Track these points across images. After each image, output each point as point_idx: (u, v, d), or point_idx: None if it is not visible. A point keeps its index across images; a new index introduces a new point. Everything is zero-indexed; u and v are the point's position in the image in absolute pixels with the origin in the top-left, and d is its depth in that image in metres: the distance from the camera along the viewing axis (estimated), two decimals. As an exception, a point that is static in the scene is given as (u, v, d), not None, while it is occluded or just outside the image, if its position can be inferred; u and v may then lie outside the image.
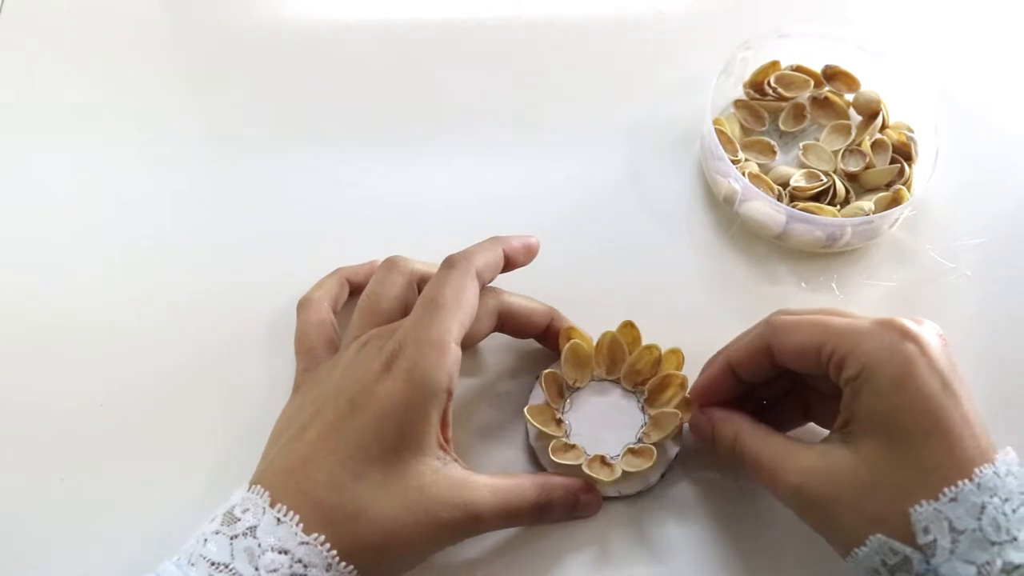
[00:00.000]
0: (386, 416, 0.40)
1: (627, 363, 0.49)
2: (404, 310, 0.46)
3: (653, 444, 0.46)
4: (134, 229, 0.55)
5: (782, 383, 0.46)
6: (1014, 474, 0.38)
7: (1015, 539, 0.36)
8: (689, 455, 0.48)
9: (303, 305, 0.49)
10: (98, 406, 0.49)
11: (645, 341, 0.49)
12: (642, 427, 0.48)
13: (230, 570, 0.37)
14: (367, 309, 0.46)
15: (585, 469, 0.45)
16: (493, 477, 0.43)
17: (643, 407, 0.49)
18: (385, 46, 0.61)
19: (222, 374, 0.50)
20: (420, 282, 0.47)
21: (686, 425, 0.47)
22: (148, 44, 0.62)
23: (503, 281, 0.47)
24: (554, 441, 0.46)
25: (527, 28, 0.62)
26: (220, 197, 0.56)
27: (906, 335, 0.40)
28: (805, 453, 0.41)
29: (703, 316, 0.52)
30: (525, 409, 0.47)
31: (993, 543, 0.36)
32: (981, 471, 0.37)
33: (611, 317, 0.49)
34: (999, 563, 0.36)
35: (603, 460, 0.46)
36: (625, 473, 0.46)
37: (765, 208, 0.52)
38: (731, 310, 0.53)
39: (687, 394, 0.47)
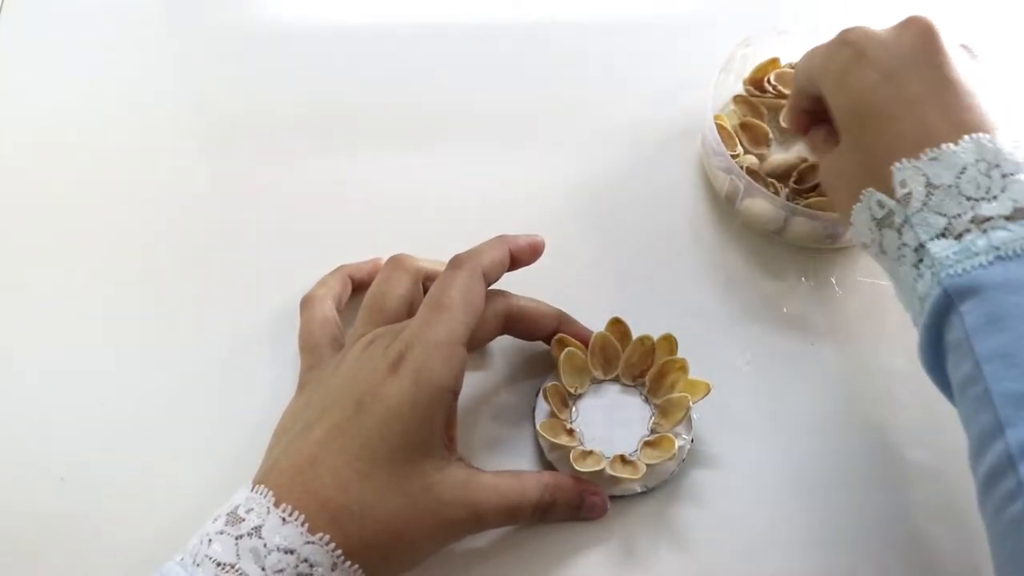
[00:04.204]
0: (392, 417, 0.40)
1: (622, 359, 0.49)
2: (410, 309, 0.46)
3: (668, 432, 0.47)
4: (135, 228, 0.55)
5: None
6: (1020, 147, 0.40)
7: (994, 198, 0.38)
8: (702, 442, 0.48)
9: (306, 303, 0.49)
10: (100, 405, 0.49)
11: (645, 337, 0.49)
12: (651, 418, 0.48)
13: (236, 570, 0.37)
14: (372, 308, 0.46)
15: (609, 471, 0.45)
16: (497, 476, 0.43)
17: (647, 398, 0.49)
18: (387, 45, 0.61)
19: (225, 372, 0.50)
20: (426, 280, 0.47)
21: (696, 415, 0.48)
22: (148, 44, 0.62)
23: (507, 280, 0.47)
24: (572, 451, 0.46)
25: (528, 27, 0.62)
26: (221, 196, 0.56)
27: (844, 43, 0.45)
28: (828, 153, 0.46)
29: (705, 312, 0.52)
30: (538, 426, 0.47)
31: (968, 198, 0.39)
32: (970, 138, 0.40)
33: (613, 314, 0.49)
34: (969, 215, 0.39)
35: (623, 459, 0.46)
36: (648, 467, 0.46)
37: (766, 204, 0.52)
38: (732, 306, 0.53)
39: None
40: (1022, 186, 0.38)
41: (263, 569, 0.37)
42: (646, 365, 0.49)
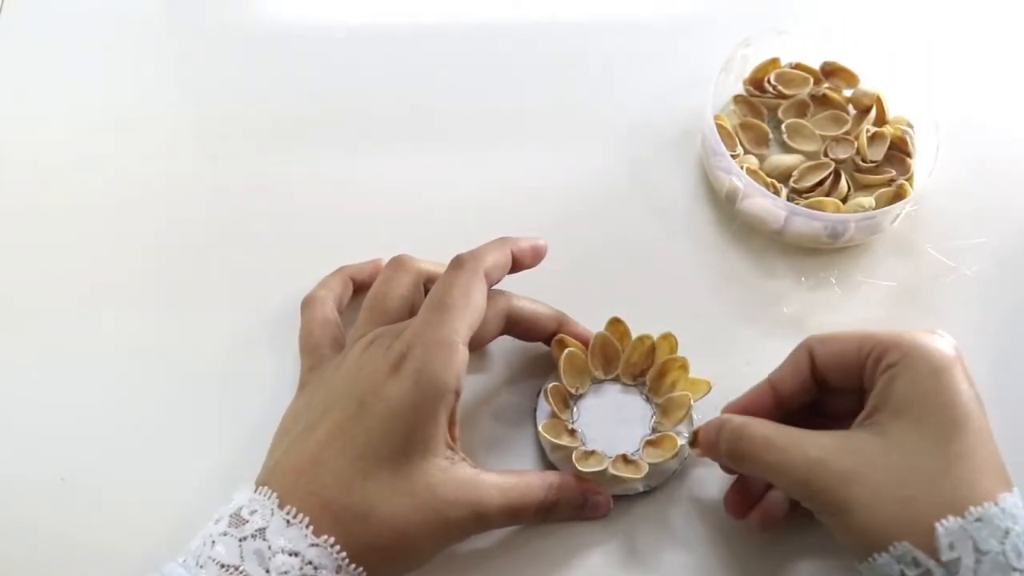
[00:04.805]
0: (395, 417, 0.40)
1: (622, 359, 0.49)
2: (411, 309, 0.46)
3: (670, 431, 0.47)
4: (135, 229, 0.54)
5: (799, 417, 0.45)
6: None
7: None
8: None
9: (307, 304, 0.49)
10: (100, 405, 0.49)
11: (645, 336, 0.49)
12: (652, 417, 0.48)
13: (240, 572, 0.37)
14: (373, 308, 0.46)
15: (612, 471, 0.45)
16: (501, 475, 0.43)
17: (647, 397, 0.49)
18: (387, 46, 0.61)
19: (226, 373, 0.50)
20: (427, 282, 0.47)
21: (697, 414, 0.48)
22: (148, 44, 0.61)
23: (507, 280, 0.47)
24: (574, 452, 0.46)
25: (528, 27, 0.62)
26: (221, 196, 0.56)
27: (947, 340, 0.41)
28: (825, 435, 0.41)
29: (704, 312, 0.52)
30: (539, 428, 0.47)
31: (1015, 569, 0.36)
32: (1004, 498, 0.37)
33: (612, 314, 0.49)
34: None
35: (626, 458, 0.46)
36: (650, 466, 0.46)
37: (767, 204, 0.52)
38: (732, 306, 0.53)
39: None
40: None
41: (267, 571, 0.37)
42: (646, 364, 0.49)
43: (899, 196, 0.53)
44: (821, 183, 0.54)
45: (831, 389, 0.44)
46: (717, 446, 0.44)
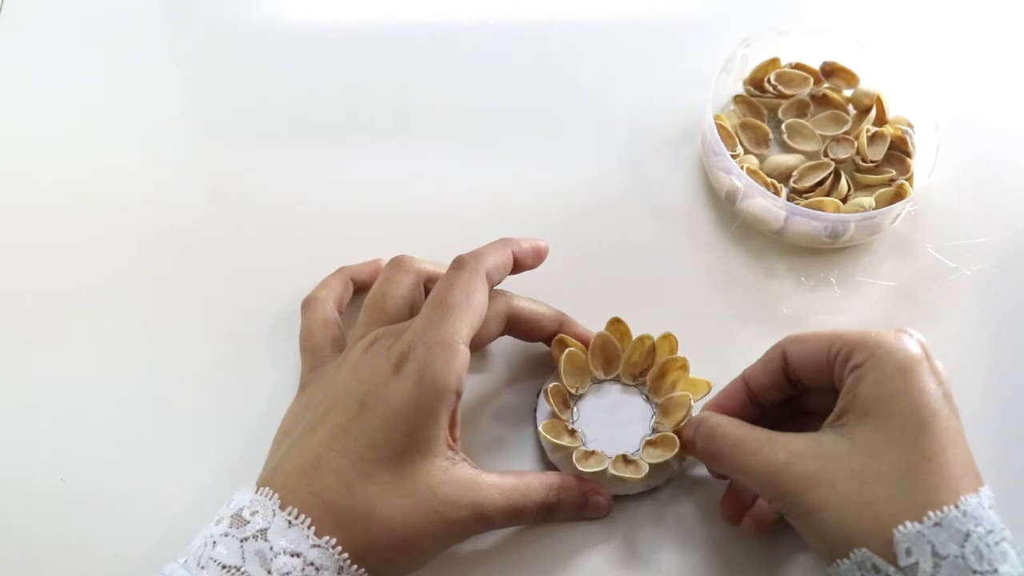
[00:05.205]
0: (396, 417, 0.40)
1: (622, 359, 0.49)
2: (411, 310, 0.46)
3: (670, 431, 0.47)
4: (135, 229, 0.54)
5: (778, 414, 0.46)
6: (994, 508, 0.38)
7: (996, 571, 0.36)
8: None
9: (307, 304, 0.49)
10: (101, 405, 0.49)
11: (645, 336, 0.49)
12: (652, 417, 0.48)
13: (242, 573, 0.37)
14: (374, 308, 0.46)
15: (612, 471, 0.45)
16: (502, 476, 0.43)
17: (648, 397, 0.49)
18: (387, 45, 0.61)
19: (226, 374, 0.50)
20: (427, 282, 0.47)
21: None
22: (148, 44, 0.61)
23: (508, 281, 0.47)
24: (575, 452, 0.46)
25: (528, 27, 0.62)
26: (222, 197, 0.56)
27: (915, 339, 0.41)
28: (794, 437, 0.41)
29: (705, 313, 0.53)
30: (540, 428, 0.47)
31: (975, 572, 0.36)
32: (967, 499, 0.37)
33: (613, 314, 0.49)
34: None
35: (626, 458, 0.46)
36: (650, 466, 0.46)
37: (767, 204, 0.52)
38: (732, 306, 0.53)
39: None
40: (1011, 553, 0.37)
41: (269, 572, 0.37)
42: (647, 364, 0.49)
43: (899, 196, 0.53)
44: (821, 183, 0.54)
45: (808, 388, 0.45)
46: (694, 444, 0.44)
